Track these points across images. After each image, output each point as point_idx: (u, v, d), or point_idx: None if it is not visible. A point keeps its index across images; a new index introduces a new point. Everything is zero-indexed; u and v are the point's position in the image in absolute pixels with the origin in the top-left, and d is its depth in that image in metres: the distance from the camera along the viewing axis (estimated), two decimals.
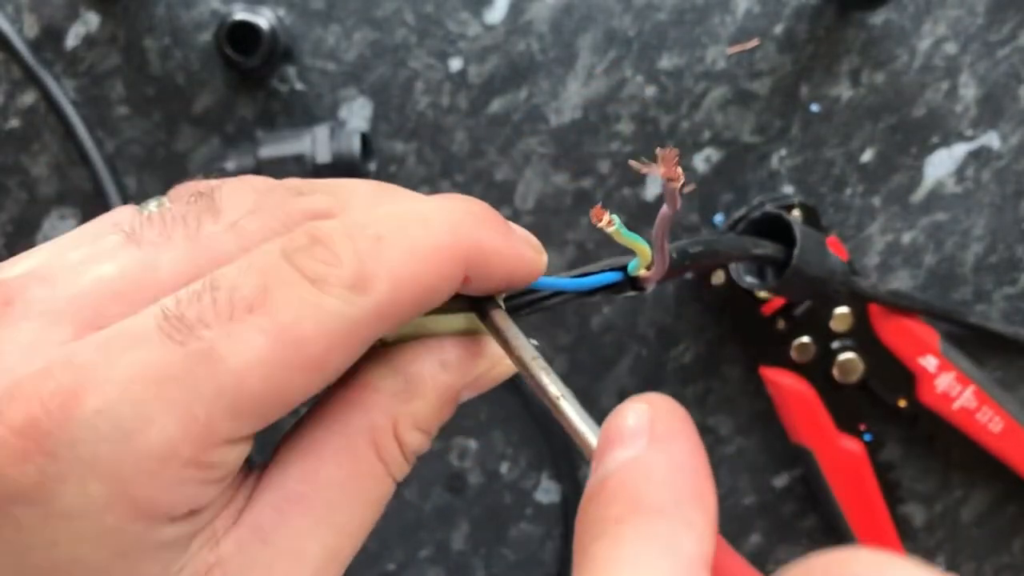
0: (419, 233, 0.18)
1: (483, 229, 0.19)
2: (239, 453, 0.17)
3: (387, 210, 0.19)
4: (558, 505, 0.45)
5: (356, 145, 0.41)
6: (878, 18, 0.42)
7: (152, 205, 0.20)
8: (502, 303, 0.21)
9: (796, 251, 0.35)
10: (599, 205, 0.20)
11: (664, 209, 0.20)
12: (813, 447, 0.42)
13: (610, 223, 0.20)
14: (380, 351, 0.21)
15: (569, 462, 0.45)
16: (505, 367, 0.22)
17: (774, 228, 0.37)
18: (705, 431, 0.44)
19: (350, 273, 0.17)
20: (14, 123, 0.43)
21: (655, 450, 0.16)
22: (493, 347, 0.21)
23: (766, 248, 0.36)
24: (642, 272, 0.22)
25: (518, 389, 0.44)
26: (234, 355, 0.16)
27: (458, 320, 0.21)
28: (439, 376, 0.21)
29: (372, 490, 0.19)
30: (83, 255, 0.18)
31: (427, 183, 0.43)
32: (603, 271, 0.22)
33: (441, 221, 0.19)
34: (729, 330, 0.44)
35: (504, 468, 0.45)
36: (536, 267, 0.21)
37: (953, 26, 0.42)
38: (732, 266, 0.39)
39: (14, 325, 0.17)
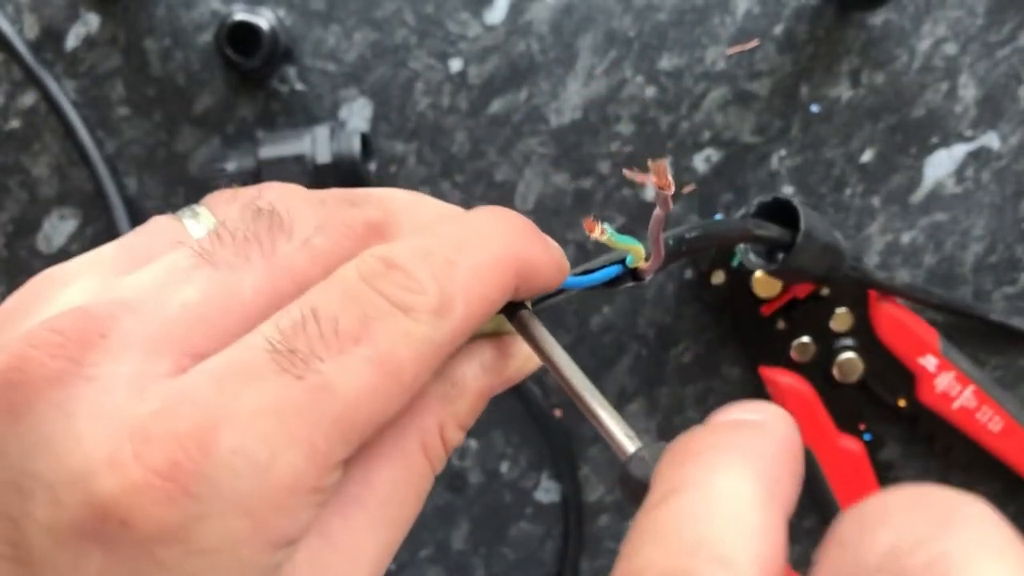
0: (483, 254, 0.19)
1: (529, 243, 0.21)
2: (341, 473, 0.18)
3: (448, 230, 0.20)
4: (558, 505, 0.46)
5: (356, 145, 0.41)
6: (878, 18, 0.42)
7: (201, 218, 0.20)
8: (529, 305, 0.23)
9: (801, 224, 0.35)
10: (590, 217, 0.21)
11: (657, 211, 0.21)
12: (813, 447, 0.42)
13: (602, 232, 0.21)
14: None
15: (569, 462, 0.45)
16: (530, 364, 0.23)
17: (780, 214, 0.37)
18: None
19: (434, 300, 0.18)
20: (15, 124, 0.43)
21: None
22: (521, 346, 0.23)
23: (770, 230, 0.36)
24: (640, 264, 0.24)
25: (518, 389, 0.44)
26: (347, 386, 0.17)
27: (489, 323, 0.22)
28: (480, 378, 0.22)
29: (420, 485, 0.20)
30: (157, 278, 0.18)
31: (427, 183, 0.43)
32: (604, 266, 0.24)
33: (498, 239, 0.20)
34: (729, 330, 0.44)
35: (504, 468, 0.46)
36: (565, 272, 0.22)
37: (953, 26, 0.42)
38: (740, 250, 0.39)
39: (116, 359, 0.17)
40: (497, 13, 0.42)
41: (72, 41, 0.43)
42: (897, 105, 0.43)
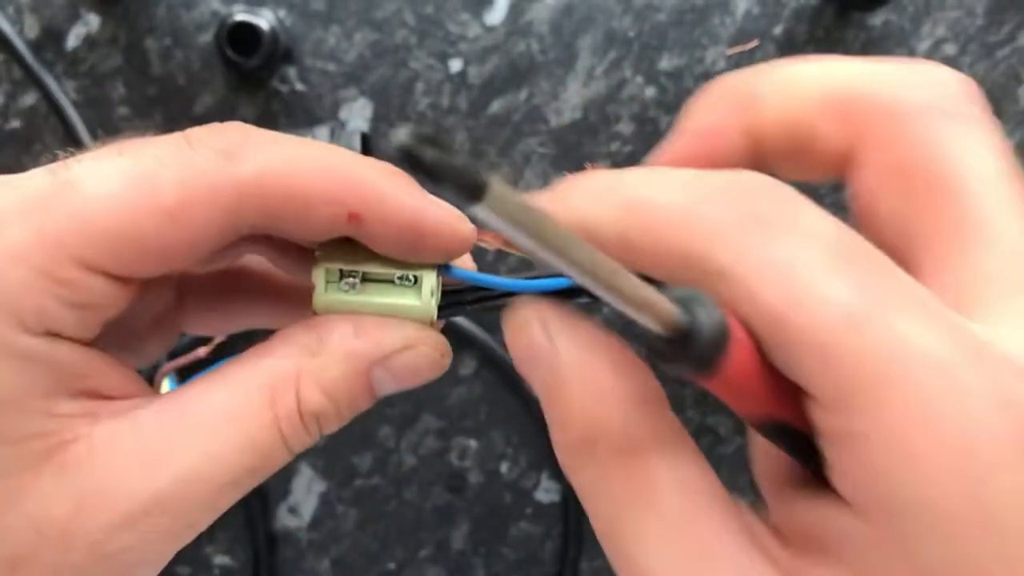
0: (305, 147, 0.20)
1: (376, 173, 0.20)
2: (101, 291, 0.19)
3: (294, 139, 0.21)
4: (558, 505, 0.46)
5: (356, 145, 0.41)
6: (878, 19, 0.42)
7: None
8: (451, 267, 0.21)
9: None
10: None
11: None
12: None
13: None
14: (309, 317, 0.21)
15: None
16: (423, 353, 0.21)
17: None
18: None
19: (225, 142, 0.19)
20: (15, 124, 0.43)
21: None
22: (414, 329, 0.21)
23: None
24: None
25: (518, 389, 0.44)
26: (94, 186, 0.18)
27: (404, 310, 0.21)
28: (350, 340, 0.20)
29: (254, 433, 0.19)
30: None
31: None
32: (553, 276, 0.21)
33: (330, 149, 0.20)
34: None
35: (504, 468, 0.46)
36: (456, 231, 0.20)
37: (952, 27, 0.42)
38: None
39: None
40: (497, 13, 0.42)
41: (72, 41, 0.43)
42: None
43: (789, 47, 0.42)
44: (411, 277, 0.21)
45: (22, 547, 0.18)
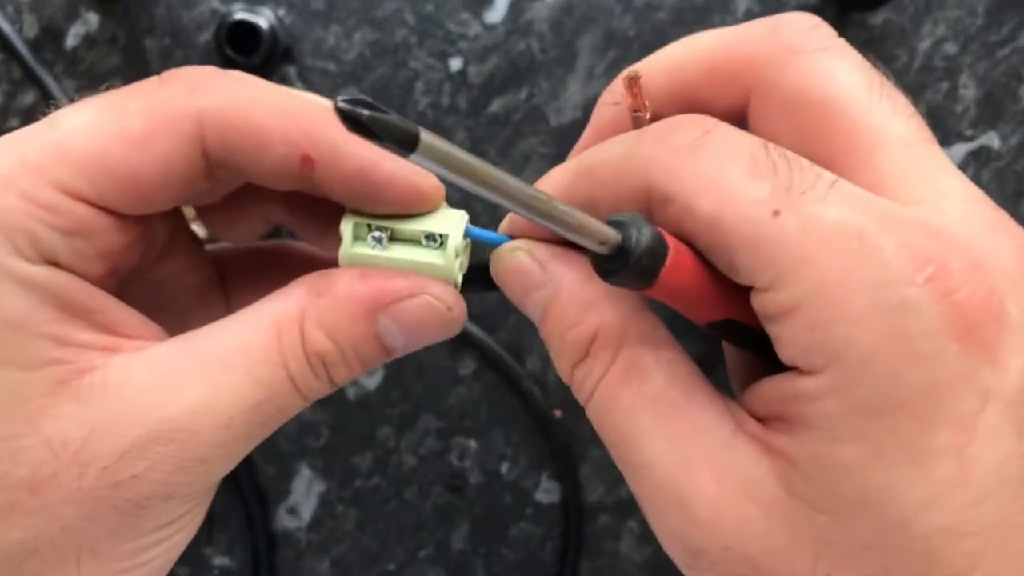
0: (269, 90, 0.21)
1: (333, 120, 0.20)
2: (86, 219, 0.20)
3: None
4: (558, 505, 0.46)
5: None
6: (878, 18, 0.42)
7: None
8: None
9: None
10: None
11: None
12: None
13: None
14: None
15: (569, 462, 0.45)
16: (427, 302, 0.21)
17: None
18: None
19: (193, 79, 0.21)
20: (14, 123, 0.43)
21: None
22: (420, 279, 0.21)
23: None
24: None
25: (518, 389, 0.44)
26: (70, 119, 0.20)
27: (427, 268, 0.21)
28: (355, 283, 0.21)
29: (260, 368, 0.20)
30: None
31: None
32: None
33: (294, 94, 0.21)
34: None
35: (504, 468, 0.45)
36: (411, 182, 0.21)
37: (953, 26, 0.42)
38: None
39: None
40: (497, 13, 0.42)
41: (72, 40, 0.43)
42: None
43: None
44: (437, 237, 0.21)
45: (40, 469, 0.19)
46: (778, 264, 0.17)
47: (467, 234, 0.22)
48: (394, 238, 0.21)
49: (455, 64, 0.43)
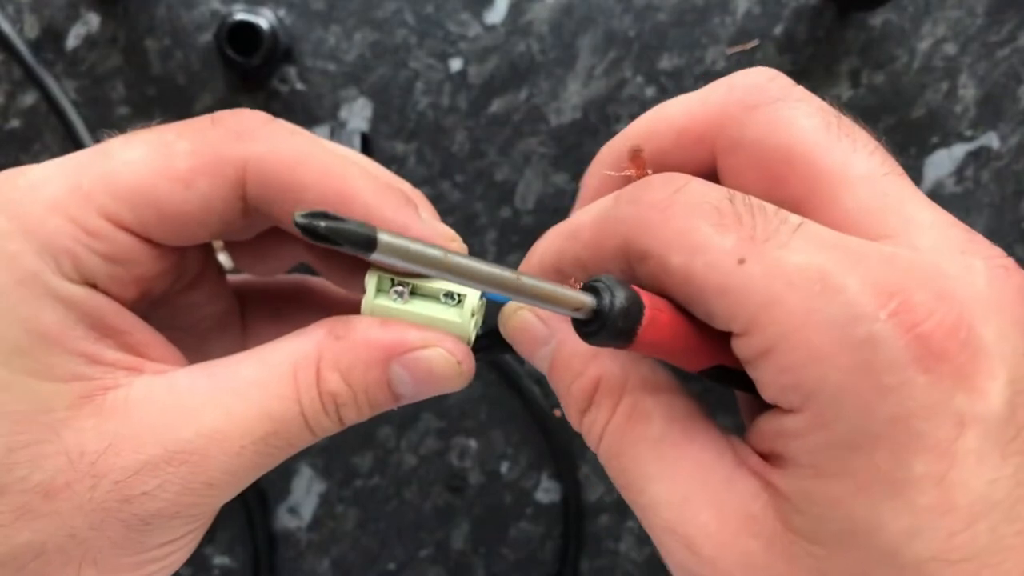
0: (314, 145, 0.22)
1: (370, 186, 0.22)
2: (128, 247, 0.21)
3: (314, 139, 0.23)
4: (558, 505, 0.46)
5: (356, 145, 0.41)
6: (878, 19, 0.42)
7: None
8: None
9: None
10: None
11: None
12: None
13: (575, 284, 0.20)
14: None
15: (569, 462, 0.45)
16: (439, 354, 0.22)
17: None
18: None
19: (242, 124, 0.22)
20: (15, 123, 0.43)
21: None
22: (435, 332, 0.22)
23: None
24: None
25: (518, 389, 0.44)
26: (122, 152, 0.21)
27: (443, 324, 0.22)
28: (373, 330, 0.22)
29: (274, 402, 0.21)
30: None
31: (427, 183, 0.43)
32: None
33: (337, 153, 0.22)
34: None
35: (504, 468, 0.46)
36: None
37: (953, 27, 0.42)
38: None
39: None
40: (497, 13, 0.42)
41: (72, 41, 0.43)
42: (897, 105, 0.43)
43: (789, 47, 0.42)
44: (455, 296, 0.22)
45: (57, 477, 0.19)
46: (748, 310, 0.17)
47: (483, 295, 0.23)
48: (415, 293, 0.22)
49: (455, 64, 0.43)
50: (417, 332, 0.22)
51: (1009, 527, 0.16)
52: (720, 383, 0.21)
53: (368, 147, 0.42)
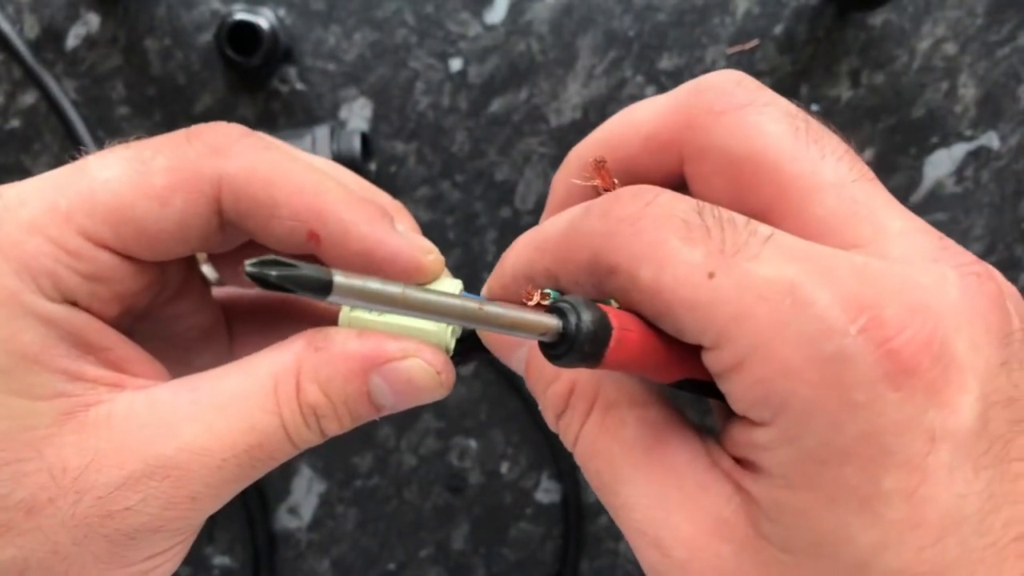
0: (288, 161, 0.22)
1: (343, 200, 0.22)
2: (108, 265, 0.21)
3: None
4: (558, 505, 0.46)
5: (356, 145, 0.41)
6: (878, 19, 0.42)
7: None
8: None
9: None
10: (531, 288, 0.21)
11: None
12: None
13: (544, 297, 0.20)
14: None
15: (569, 462, 0.45)
16: (418, 364, 0.22)
17: None
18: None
19: (218, 139, 0.22)
20: (15, 123, 0.43)
21: None
22: (414, 343, 0.22)
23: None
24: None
25: (518, 389, 0.44)
26: (99, 170, 0.21)
27: (421, 332, 0.22)
28: (352, 341, 0.21)
29: (255, 415, 0.21)
30: None
31: (427, 183, 0.43)
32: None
33: (311, 169, 0.22)
34: None
35: (504, 468, 0.46)
36: (411, 261, 0.22)
37: (953, 27, 0.42)
38: None
39: None
40: (497, 13, 0.42)
41: (72, 41, 0.43)
42: (897, 105, 0.43)
43: (789, 47, 0.42)
44: None
45: (39, 492, 0.20)
46: (717, 324, 0.17)
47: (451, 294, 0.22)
48: None
49: (455, 64, 0.43)
50: (395, 343, 0.22)
51: (979, 540, 0.16)
52: (692, 392, 0.21)
53: (368, 147, 0.42)
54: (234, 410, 0.20)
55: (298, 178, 0.22)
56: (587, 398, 0.21)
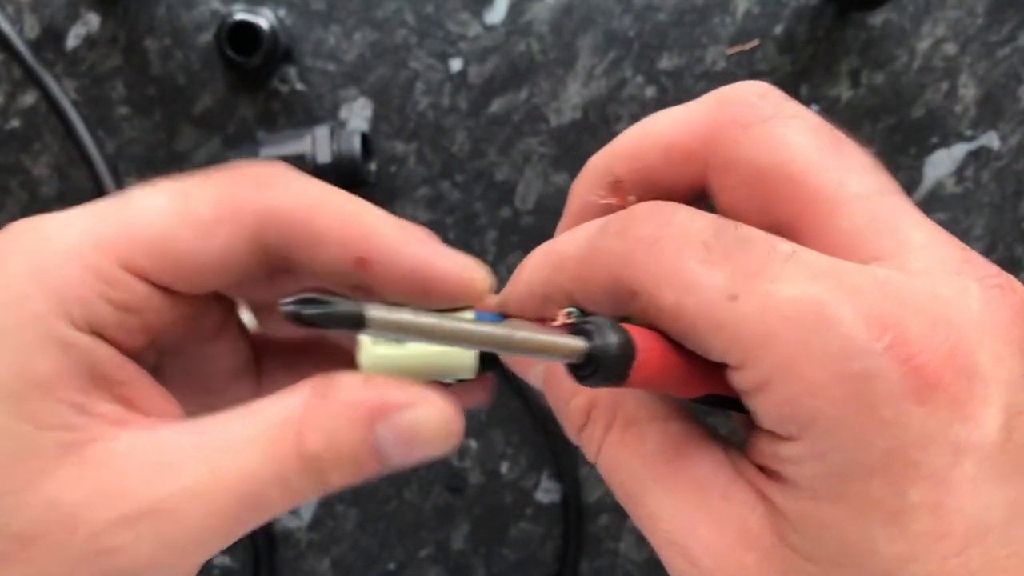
0: (329, 193, 0.22)
1: (386, 223, 0.22)
2: (143, 296, 0.21)
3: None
4: (558, 505, 0.46)
5: (356, 145, 0.41)
6: (878, 19, 0.42)
7: None
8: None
9: None
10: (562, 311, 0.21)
11: None
12: None
13: (567, 316, 0.20)
14: None
15: (569, 462, 0.45)
16: (425, 414, 0.21)
17: None
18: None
19: (258, 173, 0.22)
20: (15, 123, 0.43)
21: None
22: (422, 392, 0.21)
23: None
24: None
25: (518, 389, 0.44)
26: (141, 203, 0.21)
27: (446, 355, 0.22)
28: (357, 388, 0.21)
29: (256, 464, 0.20)
30: None
31: (427, 183, 0.43)
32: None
33: (351, 199, 0.22)
34: None
35: (504, 468, 0.46)
36: (462, 280, 0.22)
37: (953, 27, 0.42)
38: None
39: None
40: (497, 13, 0.42)
41: (72, 41, 0.43)
42: (897, 105, 0.43)
43: (789, 47, 0.42)
44: None
45: (35, 524, 0.19)
46: (742, 346, 0.17)
47: (476, 319, 0.23)
48: None
49: (455, 64, 0.43)
50: (400, 391, 0.21)
51: (1002, 550, 0.17)
52: (715, 407, 0.21)
53: (368, 147, 0.42)
54: (234, 455, 0.20)
55: (341, 207, 0.22)
56: (607, 412, 0.21)
